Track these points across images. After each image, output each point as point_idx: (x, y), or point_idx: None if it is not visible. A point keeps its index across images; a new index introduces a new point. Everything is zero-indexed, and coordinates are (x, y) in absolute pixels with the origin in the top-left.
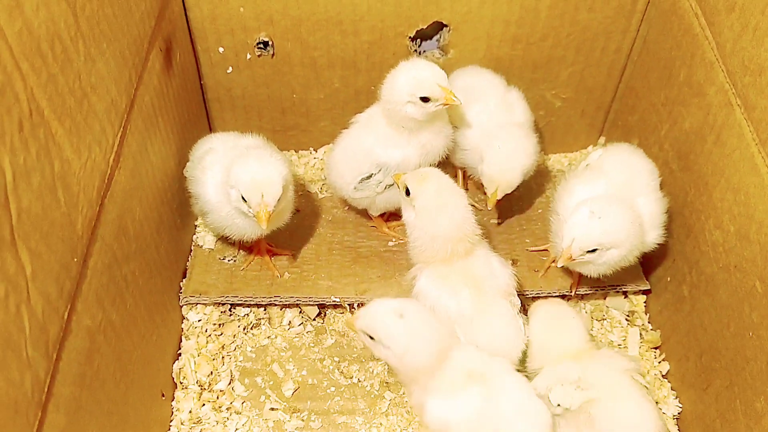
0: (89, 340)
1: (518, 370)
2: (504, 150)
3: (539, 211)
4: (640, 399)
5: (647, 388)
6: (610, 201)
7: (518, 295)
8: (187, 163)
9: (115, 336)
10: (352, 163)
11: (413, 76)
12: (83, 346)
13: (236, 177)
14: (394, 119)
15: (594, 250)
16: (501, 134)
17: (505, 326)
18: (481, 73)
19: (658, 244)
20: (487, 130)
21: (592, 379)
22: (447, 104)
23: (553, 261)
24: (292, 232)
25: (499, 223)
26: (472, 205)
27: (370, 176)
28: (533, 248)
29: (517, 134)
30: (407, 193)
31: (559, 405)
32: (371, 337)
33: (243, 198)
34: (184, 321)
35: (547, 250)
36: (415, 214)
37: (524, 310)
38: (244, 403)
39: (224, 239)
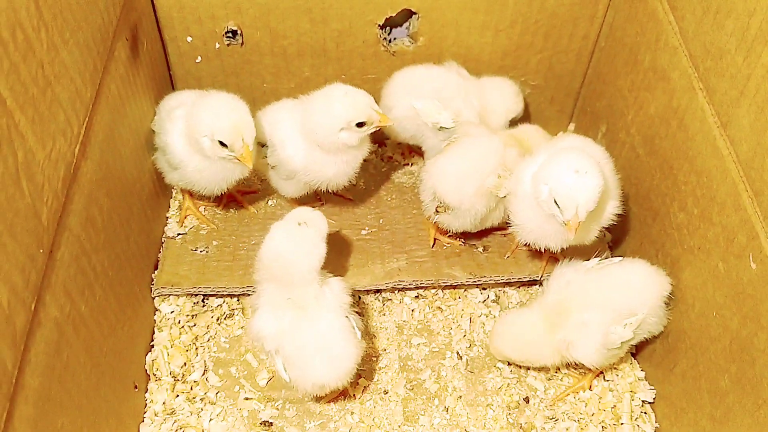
0: (57, 331)
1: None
2: None
3: None
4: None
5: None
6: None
7: (490, 280)
8: (155, 117)
9: (84, 327)
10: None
11: (349, 103)
12: (51, 337)
13: (210, 124)
14: (324, 147)
15: None
16: None
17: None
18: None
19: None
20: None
21: None
22: (382, 126)
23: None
24: (264, 222)
25: None
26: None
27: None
28: (502, 232)
29: None
30: None
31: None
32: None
33: (221, 142)
34: (156, 312)
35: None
36: None
37: (497, 297)
38: (218, 393)
39: (195, 230)
